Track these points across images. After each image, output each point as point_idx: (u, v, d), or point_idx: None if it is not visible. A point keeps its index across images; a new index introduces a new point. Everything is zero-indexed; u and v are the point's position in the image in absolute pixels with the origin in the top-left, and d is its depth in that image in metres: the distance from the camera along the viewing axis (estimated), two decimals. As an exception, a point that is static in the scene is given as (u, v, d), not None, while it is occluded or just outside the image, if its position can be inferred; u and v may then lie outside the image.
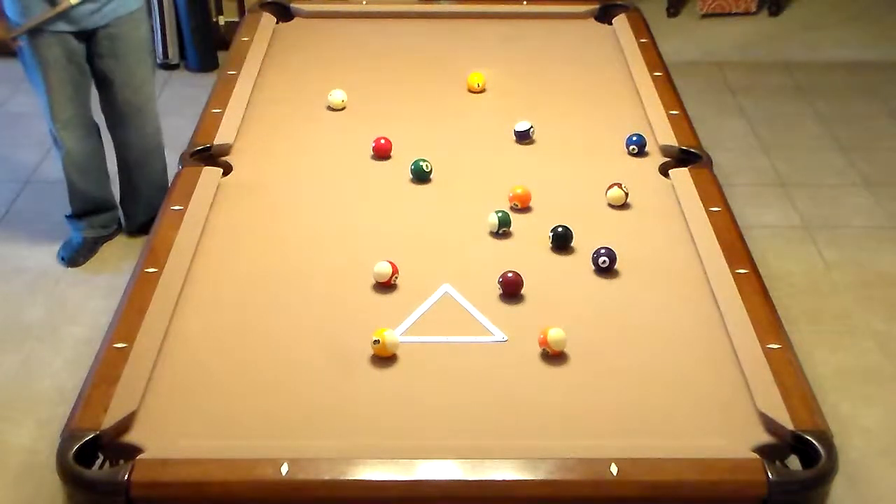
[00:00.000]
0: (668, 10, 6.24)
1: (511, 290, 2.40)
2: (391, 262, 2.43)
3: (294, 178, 2.90)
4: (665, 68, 3.46)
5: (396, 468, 1.92)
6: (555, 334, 2.21)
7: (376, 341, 2.20)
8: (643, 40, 3.63)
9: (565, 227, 2.58)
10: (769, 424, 2.02)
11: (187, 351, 2.24)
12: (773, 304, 2.37)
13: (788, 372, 2.14)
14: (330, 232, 2.67)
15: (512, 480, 1.91)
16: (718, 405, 2.10)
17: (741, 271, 2.45)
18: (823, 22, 6.22)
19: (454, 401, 2.12)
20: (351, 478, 1.91)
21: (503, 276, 2.41)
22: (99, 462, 1.97)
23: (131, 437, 1.99)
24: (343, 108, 3.23)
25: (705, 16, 6.23)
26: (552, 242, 2.58)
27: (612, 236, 2.58)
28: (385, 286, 2.43)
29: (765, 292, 2.40)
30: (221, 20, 5.63)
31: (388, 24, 3.85)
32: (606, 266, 2.48)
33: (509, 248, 2.60)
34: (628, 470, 1.90)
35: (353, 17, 3.87)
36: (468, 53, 3.63)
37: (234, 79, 3.34)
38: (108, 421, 1.99)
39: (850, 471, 3.02)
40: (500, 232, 2.63)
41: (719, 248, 2.53)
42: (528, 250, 2.57)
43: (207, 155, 2.94)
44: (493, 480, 1.91)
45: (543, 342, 2.22)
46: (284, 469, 1.90)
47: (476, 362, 2.23)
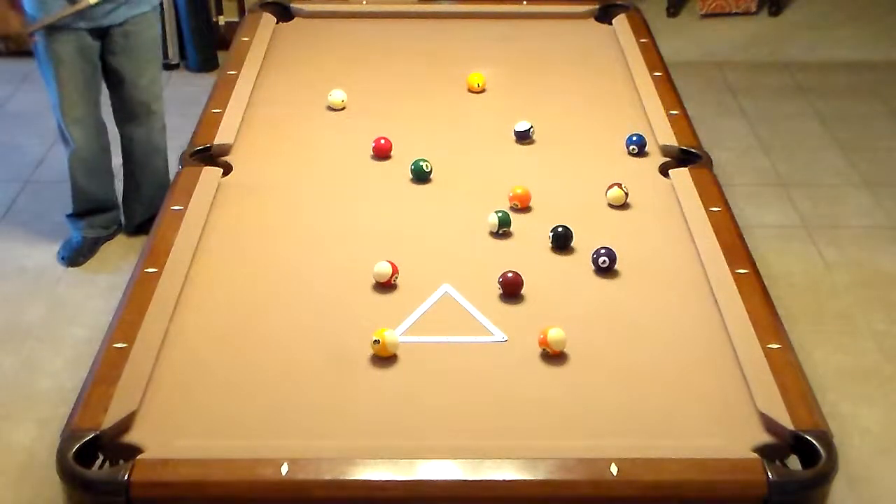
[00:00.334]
0: (668, 10, 6.24)
1: (511, 290, 2.40)
2: (391, 262, 2.43)
3: (294, 178, 2.90)
4: (665, 68, 3.46)
5: (396, 468, 1.92)
6: (555, 334, 2.21)
7: (376, 341, 2.20)
8: (643, 40, 3.63)
9: (565, 227, 2.58)
10: (769, 424, 2.02)
11: (187, 351, 2.23)
12: (773, 304, 2.37)
13: (788, 372, 2.14)
14: (330, 232, 2.67)
15: (512, 480, 1.91)
16: (718, 405, 2.10)
17: (741, 271, 2.45)
18: (823, 22, 6.22)
19: (454, 401, 2.12)
20: (351, 478, 1.91)
21: (503, 276, 2.41)
22: (99, 462, 1.97)
23: (131, 437, 1.99)
24: (343, 108, 3.23)
25: (705, 16, 6.23)
26: (552, 242, 2.58)
27: (612, 236, 2.58)
28: (385, 286, 2.43)
29: (765, 292, 2.40)
30: (221, 20, 5.63)
31: (388, 24, 3.85)
32: (606, 266, 2.48)
33: (509, 248, 2.60)
34: (628, 470, 1.90)
35: (353, 17, 3.87)
36: (468, 53, 3.63)
37: (234, 79, 3.34)
38: (108, 421, 1.99)
39: (850, 471, 3.02)
40: (500, 232, 2.63)
41: (719, 248, 2.53)
42: (528, 250, 2.57)
43: (207, 155, 2.94)
44: (493, 480, 1.91)
45: (543, 342, 2.22)
46: (284, 469, 1.90)
47: (476, 362, 2.23)
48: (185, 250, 2.53)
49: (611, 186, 2.76)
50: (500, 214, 2.63)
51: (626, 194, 2.75)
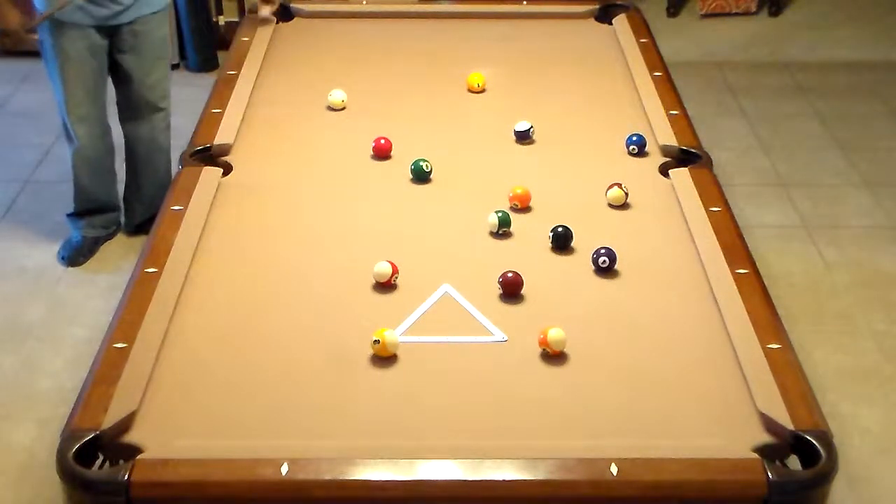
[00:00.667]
0: (668, 10, 6.24)
1: (511, 290, 2.40)
2: (391, 262, 2.43)
3: (294, 177, 2.90)
4: (665, 68, 3.46)
5: (396, 468, 1.92)
6: (555, 334, 2.21)
7: (376, 341, 2.20)
8: (643, 40, 3.63)
9: (565, 227, 2.58)
10: (769, 424, 2.02)
11: (187, 351, 2.23)
12: (773, 304, 2.37)
13: (788, 372, 2.14)
14: (330, 232, 2.67)
15: (512, 480, 1.91)
16: (718, 405, 2.10)
17: (741, 271, 2.45)
18: (823, 22, 6.22)
19: (454, 401, 2.12)
20: (351, 478, 1.91)
21: (503, 276, 2.41)
22: (99, 462, 1.97)
23: (131, 437, 1.99)
24: (343, 108, 3.23)
25: (705, 16, 6.23)
26: (552, 242, 2.58)
27: (612, 236, 2.58)
28: (385, 286, 2.43)
29: (765, 292, 2.40)
30: (221, 20, 5.63)
31: (388, 24, 3.85)
32: (606, 266, 2.48)
33: (509, 248, 2.60)
34: (628, 470, 1.90)
35: (353, 17, 3.87)
36: (468, 53, 3.63)
37: (234, 79, 3.34)
38: (108, 421, 1.99)
39: (850, 471, 3.02)
40: (500, 232, 2.63)
41: (719, 248, 2.53)
42: (528, 250, 2.57)
43: (207, 155, 2.94)
44: (493, 480, 1.91)
45: (543, 342, 2.22)
46: (284, 469, 1.90)
47: (476, 362, 2.23)
48: (185, 250, 2.53)
49: (611, 186, 2.76)
50: (500, 214, 2.63)
51: (626, 194, 2.75)
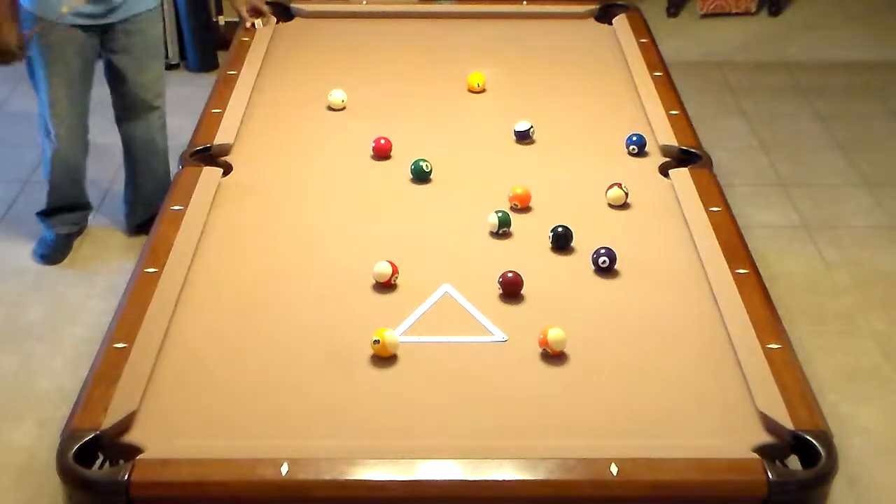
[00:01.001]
0: (668, 10, 6.24)
1: (511, 290, 2.40)
2: (391, 262, 2.43)
3: (294, 177, 2.90)
4: (665, 68, 3.46)
5: (396, 468, 1.92)
6: (555, 334, 2.21)
7: (376, 341, 2.20)
8: (643, 40, 3.63)
9: (565, 227, 2.58)
10: (769, 424, 2.02)
11: (187, 351, 2.23)
12: (773, 304, 2.37)
13: (788, 372, 2.14)
14: (330, 232, 2.66)
15: (512, 480, 1.91)
16: (718, 405, 2.10)
17: (741, 271, 2.45)
18: (823, 22, 6.22)
19: (454, 401, 2.12)
20: (351, 478, 1.91)
21: (503, 276, 2.41)
22: (99, 462, 1.97)
23: (131, 437, 1.99)
24: (343, 108, 3.23)
25: (705, 16, 6.23)
26: (552, 242, 2.58)
27: (612, 236, 2.58)
28: (385, 286, 2.43)
29: (765, 292, 2.40)
30: (221, 20, 5.63)
31: (388, 24, 3.85)
32: (606, 266, 2.48)
33: (509, 248, 2.60)
34: (628, 470, 1.90)
35: (353, 17, 3.87)
36: (468, 53, 3.63)
37: (234, 79, 3.34)
38: (108, 421, 1.99)
39: (850, 471, 3.02)
40: (500, 232, 2.63)
41: (719, 248, 2.53)
42: (528, 250, 2.57)
43: (207, 155, 2.94)
44: (493, 480, 1.91)
45: (543, 342, 2.22)
46: (284, 469, 1.90)
47: (476, 362, 2.23)
48: (185, 250, 2.53)
49: (611, 186, 2.76)
50: (500, 214, 2.63)
51: (626, 194, 2.75)
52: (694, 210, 2.69)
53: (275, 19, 3.78)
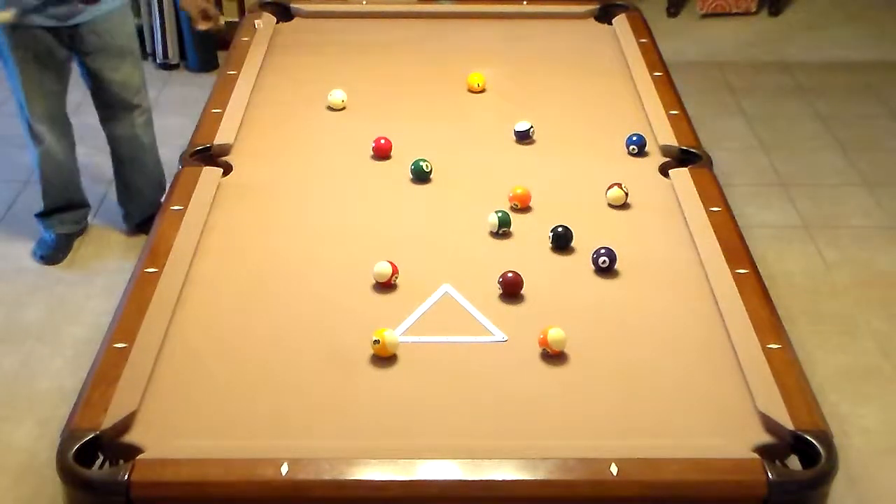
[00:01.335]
0: (668, 10, 6.25)
1: (511, 290, 2.40)
2: (391, 262, 2.43)
3: (294, 177, 2.90)
4: (665, 68, 3.46)
5: (396, 468, 1.92)
6: (555, 334, 2.21)
7: (376, 341, 2.20)
8: (643, 40, 3.63)
9: (565, 227, 2.58)
10: (769, 424, 2.02)
11: (187, 351, 2.23)
12: (773, 304, 2.37)
13: (788, 372, 2.14)
14: (330, 232, 2.66)
15: (512, 480, 1.91)
16: (718, 405, 2.10)
17: (741, 271, 2.45)
18: (823, 22, 6.22)
19: (454, 401, 2.12)
20: (351, 478, 1.91)
21: (503, 276, 2.41)
22: (99, 462, 1.97)
23: (131, 437, 1.99)
24: (343, 108, 3.23)
25: (705, 16, 6.24)
26: (552, 242, 2.58)
27: (612, 236, 2.58)
28: (385, 286, 2.43)
29: (765, 292, 2.40)
30: (222, 20, 5.62)
31: (388, 24, 3.85)
32: (606, 266, 2.48)
33: (509, 248, 2.60)
34: (628, 470, 1.90)
35: (353, 17, 3.87)
36: (468, 53, 3.63)
37: (234, 79, 3.34)
38: (108, 421, 1.99)
39: (850, 471, 3.02)
40: (500, 232, 2.63)
41: (719, 248, 2.53)
42: (528, 250, 2.57)
43: (207, 155, 2.94)
44: (493, 480, 1.91)
45: (543, 342, 2.22)
46: (284, 469, 1.90)
47: (476, 362, 2.23)
48: (185, 250, 2.53)
49: (611, 186, 2.75)
50: (500, 214, 2.63)
51: (626, 194, 2.75)
52: (694, 210, 2.69)
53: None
